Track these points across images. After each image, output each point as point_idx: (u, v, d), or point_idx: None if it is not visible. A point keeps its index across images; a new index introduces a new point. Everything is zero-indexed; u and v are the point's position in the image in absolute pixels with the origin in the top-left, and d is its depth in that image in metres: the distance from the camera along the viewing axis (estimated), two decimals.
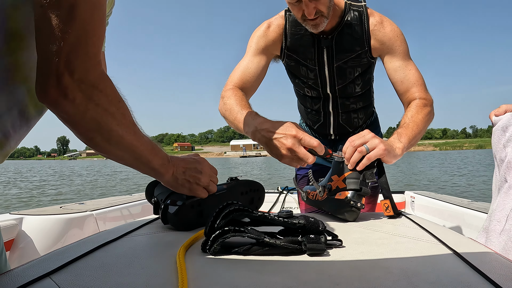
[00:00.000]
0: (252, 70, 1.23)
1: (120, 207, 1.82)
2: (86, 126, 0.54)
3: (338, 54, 1.23)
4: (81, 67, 0.50)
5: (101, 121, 0.55)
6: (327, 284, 0.46)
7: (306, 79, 1.32)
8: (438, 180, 11.60)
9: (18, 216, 1.44)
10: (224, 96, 1.15)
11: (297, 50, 1.26)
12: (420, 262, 0.55)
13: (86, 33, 0.50)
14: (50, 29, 0.48)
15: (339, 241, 0.64)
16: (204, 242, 0.60)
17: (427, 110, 1.12)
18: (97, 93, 0.53)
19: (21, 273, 0.49)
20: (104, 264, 0.54)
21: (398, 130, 1.06)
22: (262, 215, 0.61)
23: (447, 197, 2.20)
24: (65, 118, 0.53)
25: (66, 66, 0.49)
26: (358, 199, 0.87)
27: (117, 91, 0.58)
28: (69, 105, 0.51)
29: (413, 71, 1.18)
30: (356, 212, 0.87)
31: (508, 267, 0.53)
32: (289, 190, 2.74)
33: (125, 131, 0.59)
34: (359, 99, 1.36)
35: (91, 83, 0.52)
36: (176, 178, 0.73)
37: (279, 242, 0.58)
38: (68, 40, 0.48)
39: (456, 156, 38.62)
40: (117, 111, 0.57)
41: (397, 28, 1.20)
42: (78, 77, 0.50)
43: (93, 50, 0.52)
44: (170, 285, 0.46)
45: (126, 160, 0.64)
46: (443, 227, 0.82)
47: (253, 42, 1.26)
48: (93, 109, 0.53)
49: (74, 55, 0.49)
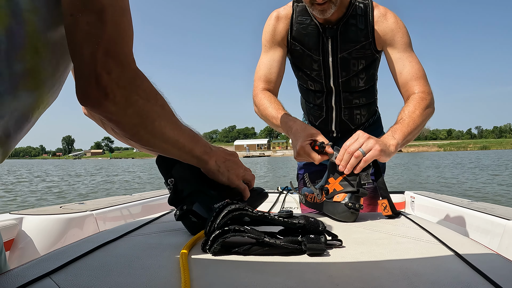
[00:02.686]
0: (271, 68, 1.29)
1: (120, 207, 1.81)
2: (129, 122, 0.57)
3: (343, 44, 1.23)
4: (117, 67, 0.52)
5: (142, 115, 0.57)
6: (327, 284, 0.46)
7: (310, 70, 1.32)
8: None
9: (18, 216, 1.44)
10: (255, 101, 1.29)
11: (302, 39, 1.27)
12: (420, 262, 0.55)
13: (117, 34, 0.52)
14: (83, 35, 0.50)
15: (339, 241, 0.64)
16: (204, 242, 0.60)
17: (425, 104, 1.11)
18: (135, 89, 0.55)
19: (21, 273, 0.49)
20: (104, 264, 0.54)
21: (394, 126, 1.06)
22: (262, 215, 0.61)
23: (447, 197, 2.19)
24: (109, 117, 0.55)
25: (103, 67, 0.51)
26: (356, 200, 0.87)
27: (152, 85, 0.60)
28: (111, 104, 0.53)
29: (414, 63, 1.18)
30: (355, 214, 0.87)
31: (508, 268, 0.53)
32: (289, 190, 2.74)
33: (166, 122, 0.62)
34: (363, 94, 1.35)
35: (128, 80, 0.54)
36: (218, 166, 0.74)
37: (279, 242, 0.58)
38: (102, 43, 0.51)
39: (453, 157, 38.64)
40: (156, 104, 0.60)
41: (399, 21, 1.21)
42: (115, 76, 0.52)
43: (126, 50, 0.54)
44: (170, 285, 0.46)
45: (170, 151, 0.66)
46: (443, 227, 0.82)
47: (264, 39, 1.31)
48: (133, 104, 0.55)
49: (109, 56, 0.51)
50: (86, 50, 0.50)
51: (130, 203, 1.91)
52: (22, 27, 0.50)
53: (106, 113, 0.54)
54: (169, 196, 0.75)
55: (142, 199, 2.08)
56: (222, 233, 0.58)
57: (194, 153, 0.69)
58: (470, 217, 1.66)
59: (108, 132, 0.88)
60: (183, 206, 0.72)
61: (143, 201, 2.04)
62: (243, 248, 0.58)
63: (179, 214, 0.73)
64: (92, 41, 0.50)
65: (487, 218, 1.51)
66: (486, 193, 8.12)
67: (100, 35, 0.50)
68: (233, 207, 0.61)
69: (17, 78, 0.52)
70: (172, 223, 0.86)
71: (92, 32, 0.50)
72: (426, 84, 1.16)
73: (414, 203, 2.40)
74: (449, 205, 1.92)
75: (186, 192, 0.74)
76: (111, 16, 0.51)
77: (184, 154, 0.68)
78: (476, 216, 1.60)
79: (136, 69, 0.56)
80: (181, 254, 0.55)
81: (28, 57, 0.52)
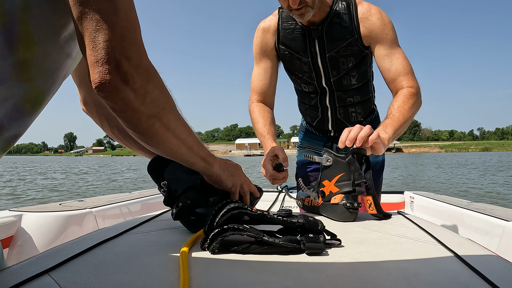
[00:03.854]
0: (263, 79, 1.36)
1: (120, 204, 1.81)
2: (146, 111, 0.55)
3: (329, 44, 1.26)
4: (136, 53, 0.52)
5: (159, 105, 0.56)
6: (325, 284, 0.46)
7: (301, 73, 1.35)
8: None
9: (18, 213, 1.44)
10: (250, 113, 1.37)
11: (290, 43, 1.30)
12: (418, 262, 0.55)
13: (131, 22, 0.52)
14: (95, 23, 0.50)
15: (338, 241, 0.64)
16: (203, 240, 0.60)
17: (413, 99, 1.15)
18: (152, 76, 0.55)
19: (19, 270, 0.49)
20: (103, 261, 0.54)
21: (385, 121, 1.09)
22: (261, 213, 0.61)
23: (446, 198, 2.20)
24: (126, 105, 0.53)
25: (123, 53, 0.50)
26: (353, 199, 0.87)
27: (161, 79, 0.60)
28: (130, 90, 0.52)
29: (401, 59, 1.21)
30: (354, 213, 0.87)
31: (506, 268, 0.53)
32: (288, 189, 2.74)
33: (178, 116, 0.61)
34: (356, 92, 1.37)
35: (146, 67, 0.54)
36: (223, 169, 0.74)
37: (278, 241, 0.58)
38: (117, 29, 0.50)
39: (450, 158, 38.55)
40: (169, 96, 0.59)
41: (385, 16, 1.23)
42: (135, 62, 0.52)
43: (139, 38, 0.54)
44: (169, 283, 0.46)
45: (179, 150, 0.64)
46: (442, 228, 0.82)
47: (254, 51, 1.37)
48: (152, 91, 0.55)
49: (127, 43, 0.51)
50: (101, 37, 0.49)
51: (130, 201, 1.91)
52: (16, 25, 0.51)
53: (123, 100, 0.52)
54: (164, 197, 0.76)
55: (141, 197, 2.08)
56: (221, 232, 0.58)
57: (201, 154, 0.68)
58: (469, 217, 1.66)
59: (105, 131, 0.88)
60: (178, 203, 0.72)
61: (142, 199, 2.04)
62: (242, 246, 0.58)
63: (176, 212, 0.72)
64: (106, 28, 0.49)
65: (486, 219, 1.51)
66: (489, 191, 8.11)
67: (114, 21, 0.50)
68: (232, 205, 0.61)
69: (8, 69, 0.52)
70: (171, 221, 0.86)
71: (105, 19, 0.49)
72: (414, 79, 1.20)
73: (414, 203, 2.40)
74: (449, 205, 1.92)
75: (180, 191, 0.74)
76: (122, 3, 0.51)
77: (193, 155, 0.67)
78: (475, 217, 1.60)
79: (148, 59, 0.56)
80: (181, 252, 0.55)
81: (21, 52, 0.52)
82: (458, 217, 1.77)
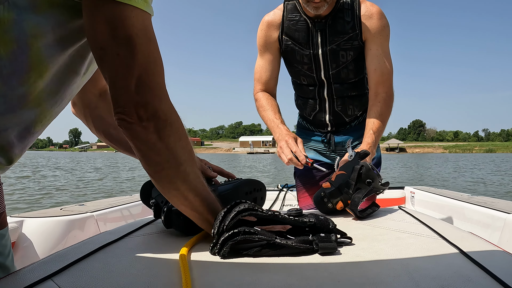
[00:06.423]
0: (267, 71, 1.42)
1: (121, 207, 1.81)
2: (157, 158, 0.55)
3: (331, 37, 1.32)
4: (154, 99, 0.52)
5: (171, 153, 0.55)
6: (328, 281, 0.46)
7: (301, 65, 1.39)
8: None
9: (19, 219, 1.44)
10: (256, 101, 1.43)
11: (293, 34, 1.36)
12: (421, 257, 0.55)
13: (149, 64, 0.51)
14: (115, 67, 0.50)
15: (349, 239, 0.63)
16: (213, 245, 0.58)
17: (390, 106, 1.30)
18: (169, 125, 0.54)
19: (23, 276, 0.49)
20: (105, 265, 0.54)
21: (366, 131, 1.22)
22: (272, 214, 0.60)
23: (447, 192, 2.20)
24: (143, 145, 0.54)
25: (139, 100, 0.51)
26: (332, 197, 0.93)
27: (183, 126, 0.59)
28: (144, 133, 0.52)
29: (388, 66, 1.30)
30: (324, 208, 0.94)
31: (509, 261, 0.53)
32: (289, 188, 2.74)
33: (190, 168, 0.59)
34: (353, 86, 1.42)
35: (164, 114, 0.53)
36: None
37: (291, 243, 0.56)
38: (135, 74, 0.50)
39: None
40: (186, 147, 0.58)
41: (385, 19, 1.31)
42: (152, 107, 0.52)
43: (159, 80, 0.53)
44: (172, 285, 0.46)
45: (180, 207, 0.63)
46: (444, 222, 0.83)
47: (258, 43, 1.43)
48: (165, 139, 0.54)
49: (144, 88, 0.51)
50: (120, 82, 0.50)
51: (131, 204, 1.91)
52: (26, 53, 0.50)
53: (138, 140, 0.53)
54: (153, 211, 0.79)
55: None
56: (232, 236, 0.56)
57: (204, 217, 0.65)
58: (470, 211, 1.66)
59: (93, 132, 0.90)
60: (163, 208, 0.73)
61: None
62: (254, 250, 0.56)
63: (164, 217, 0.72)
64: (124, 73, 0.50)
65: (487, 212, 1.51)
66: (490, 184, 8.07)
67: (132, 66, 0.50)
68: (242, 207, 0.58)
69: (19, 99, 0.52)
70: None
71: (123, 64, 0.49)
72: (391, 86, 1.32)
73: (414, 198, 2.40)
74: (449, 199, 1.92)
75: (165, 200, 0.75)
76: (140, 46, 0.50)
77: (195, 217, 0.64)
78: (477, 210, 1.60)
79: (171, 104, 0.55)
80: (181, 254, 0.55)
81: (31, 81, 0.52)
82: (459, 210, 1.77)
